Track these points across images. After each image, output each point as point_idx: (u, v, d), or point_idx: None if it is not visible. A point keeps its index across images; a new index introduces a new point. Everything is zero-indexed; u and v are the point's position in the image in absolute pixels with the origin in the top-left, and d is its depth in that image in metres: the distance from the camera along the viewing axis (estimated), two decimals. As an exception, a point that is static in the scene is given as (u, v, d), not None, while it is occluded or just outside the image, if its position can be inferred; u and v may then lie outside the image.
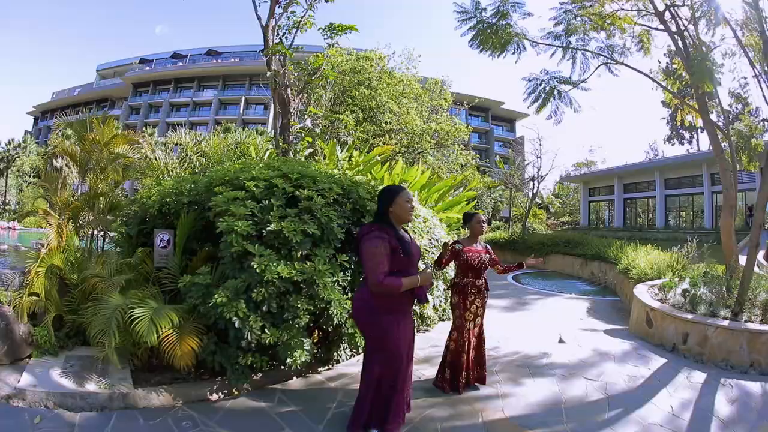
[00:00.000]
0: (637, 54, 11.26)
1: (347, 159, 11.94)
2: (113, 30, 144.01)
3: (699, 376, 5.99)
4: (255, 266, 4.75)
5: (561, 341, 7.67)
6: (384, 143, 19.59)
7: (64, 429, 4.46)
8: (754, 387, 5.68)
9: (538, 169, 32.90)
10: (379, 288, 3.88)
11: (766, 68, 8.83)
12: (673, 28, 9.76)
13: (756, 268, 8.95)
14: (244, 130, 46.46)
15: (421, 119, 23.02)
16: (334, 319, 5.38)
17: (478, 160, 31.34)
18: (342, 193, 6.03)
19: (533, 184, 34.26)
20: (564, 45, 10.88)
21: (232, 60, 75.74)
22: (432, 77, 27.67)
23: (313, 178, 6.04)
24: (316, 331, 6.19)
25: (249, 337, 4.86)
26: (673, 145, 59.81)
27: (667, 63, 14.77)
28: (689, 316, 7.20)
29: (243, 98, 74.20)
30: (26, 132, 72.33)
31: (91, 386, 5.23)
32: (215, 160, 15.34)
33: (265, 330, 4.93)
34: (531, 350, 7.11)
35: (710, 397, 5.38)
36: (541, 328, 8.54)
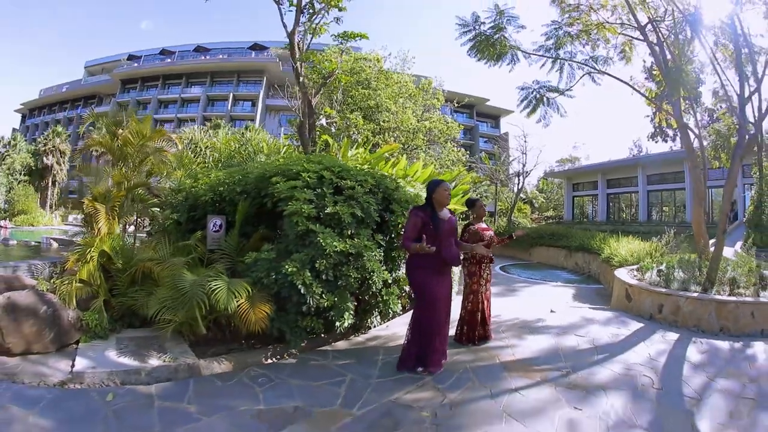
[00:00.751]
0: (619, 63, 12.54)
1: (355, 156, 12.93)
2: (103, 26, 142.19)
3: (673, 336, 7.12)
4: (320, 241, 5.87)
5: (552, 311, 8.86)
6: (385, 141, 20.69)
7: (143, 401, 4.81)
8: (723, 344, 6.77)
9: (523, 165, 34.15)
10: (403, 246, 5.62)
11: (736, 79, 10.10)
12: (654, 39, 10.96)
13: (732, 256, 10.19)
14: (232, 126, 46.95)
15: (415, 118, 24.14)
16: (374, 287, 6.55)
17: (468, 156, 32.34)
18: (375, 184, 7.17)
19: (518, 180, 35.50)
20: (553, 57, 12.14)
21: (221, 56, 75.67)
22: (424, 75, 28.75)
23: (349, 171, 7.18)
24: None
25: (311, 301, 5.90)
26: (656, 142, 60.51)
27: (651, 62, 15.83)
28: (663, 290, 8.39)
29: (231, 95, 74.13)
30: (14, 130, 71.93)
31: (153, 361, 5.63)
32: (225, 156, 16.23)
33: (323, 295, 6.01)
34: (528, 317, 8.34)
35: (683, 349, 6.52)
36: (532, 306, 9.58)
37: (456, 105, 31.12)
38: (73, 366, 5.47)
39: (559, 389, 5.08)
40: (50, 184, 60.26)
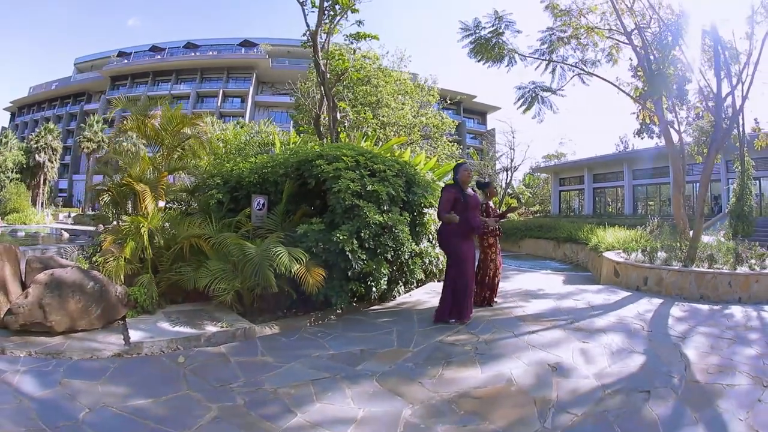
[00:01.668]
0: (606, 65, 13.82)
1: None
2: (94, 24, 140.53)
3: (658, 300, 8.28)
4: (366, 212, 6.95)
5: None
6: (386, 135, 21.80)
7: (217, 359, 5.25)
8: (703, 306, 7.91)
9: (511, 160, 35.40)
10: (439, 217, 6.75)
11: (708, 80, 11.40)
12: (639, 43, 12.17)
13: (710, 238, 11.41)
14: (223, 122, 47.31)
15: (411, 113, 25.40)
16: (403, 256, 7.70)
17: (461, 151, 33.46)
18: (399, 169, 8.29)
19: (507, 174, 36.72)
20: (547, 60, 13.40)
21: (210, 53, 75.59)
22: (414, 73, 30.01)
23: (378, 157, 8.30)
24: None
25: (356, 266, 6.93)
26: (642, 138, 61.19)
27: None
28: (648, 265, 9.61)
29: (221, 91, 74.05)
30: (3, 128, 71.28)
31: (210, 328, 6.00)
32: (236, 147, 17.13)
33: (366, 262, 7.04)
34: (529, 288, 9.61)
35: (667, 308, 7.68)
36: (529, 283, 10.61)
37: (449, 102, 32.16)
38: (128, 337, 5.65)
39: (567, 331, 6.27)
40: (41, 182, 60.09)
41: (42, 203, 57.38)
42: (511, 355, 5.35)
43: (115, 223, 9.53)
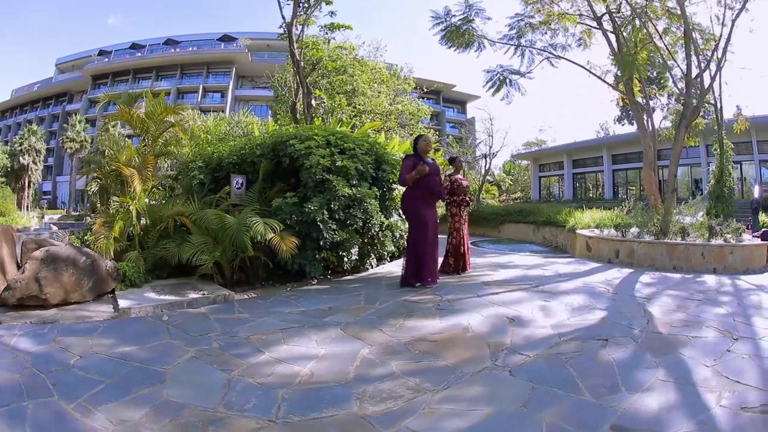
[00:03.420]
0: (577, 49, 14.15)
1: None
2: (76, 24, 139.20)
3: (628, 270, 8.46)
4: (335, 185, 7.30)
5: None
6: (362, 122, 22.03)
7: (197, 317, 5.67)
8: (675, 275, 8.01)
9: (490, 147, 35.66)
10: (402, 182, 7.15)
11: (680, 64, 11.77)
12: (610, 28, 12.51)
13: (686, 218, 11.73)
14: (203, 116, 47.12)
15: (387, 101, 25.78)
16: (373, 229, 8.09)
17: (436, 137, 33.83)
18: (369, 148, 8.67)
19: (485, 161, 36.95)
20: (515, 44, 13.71)
21: (190, 49, 75.01)
22: (393, 63, 30.43)
23: (348, 137, 8.69)
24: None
25: (327, 236, 7.30)
26: (623, 125, 61.56)
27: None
28: (619, 238, 9.82)
29: (201, 87, 73.50)
30: (-14, 133, 70.21)
31: (193, 295, 6.52)
32: (217, 137, 17.31)
33: (336, 232, 7.38)
34: (499, 261, 10.07)
35: (636, 276, 7.89)
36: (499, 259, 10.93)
37: (424, 91, 32.42)
38: (117, 305, 6.06)
39: (530, 293, 6.56)
40: (26, 185, 59.65)
41: (27, 206, 56.85)
42: (472, 311, 5.63)
43: (103, 209, 9.89)
